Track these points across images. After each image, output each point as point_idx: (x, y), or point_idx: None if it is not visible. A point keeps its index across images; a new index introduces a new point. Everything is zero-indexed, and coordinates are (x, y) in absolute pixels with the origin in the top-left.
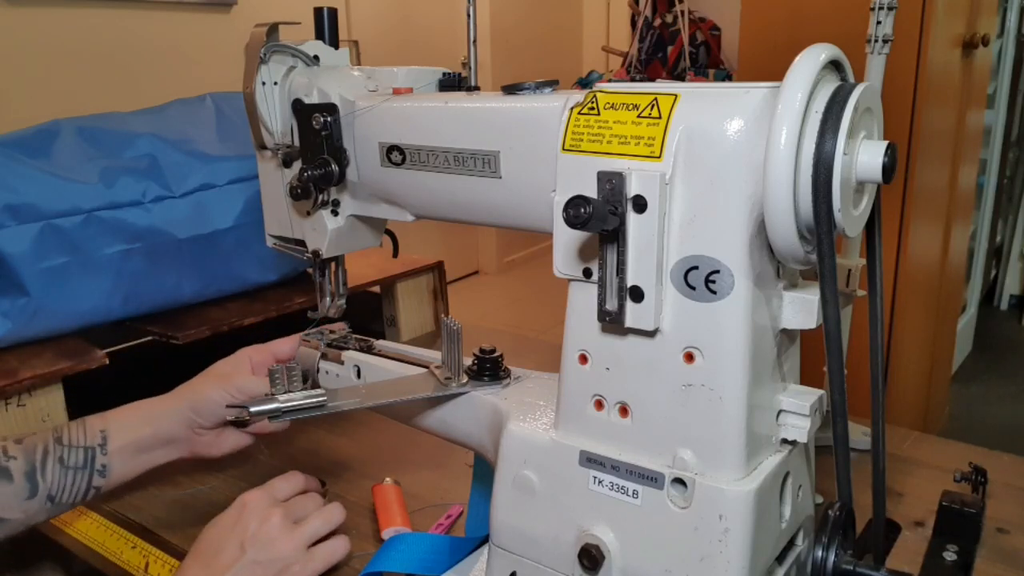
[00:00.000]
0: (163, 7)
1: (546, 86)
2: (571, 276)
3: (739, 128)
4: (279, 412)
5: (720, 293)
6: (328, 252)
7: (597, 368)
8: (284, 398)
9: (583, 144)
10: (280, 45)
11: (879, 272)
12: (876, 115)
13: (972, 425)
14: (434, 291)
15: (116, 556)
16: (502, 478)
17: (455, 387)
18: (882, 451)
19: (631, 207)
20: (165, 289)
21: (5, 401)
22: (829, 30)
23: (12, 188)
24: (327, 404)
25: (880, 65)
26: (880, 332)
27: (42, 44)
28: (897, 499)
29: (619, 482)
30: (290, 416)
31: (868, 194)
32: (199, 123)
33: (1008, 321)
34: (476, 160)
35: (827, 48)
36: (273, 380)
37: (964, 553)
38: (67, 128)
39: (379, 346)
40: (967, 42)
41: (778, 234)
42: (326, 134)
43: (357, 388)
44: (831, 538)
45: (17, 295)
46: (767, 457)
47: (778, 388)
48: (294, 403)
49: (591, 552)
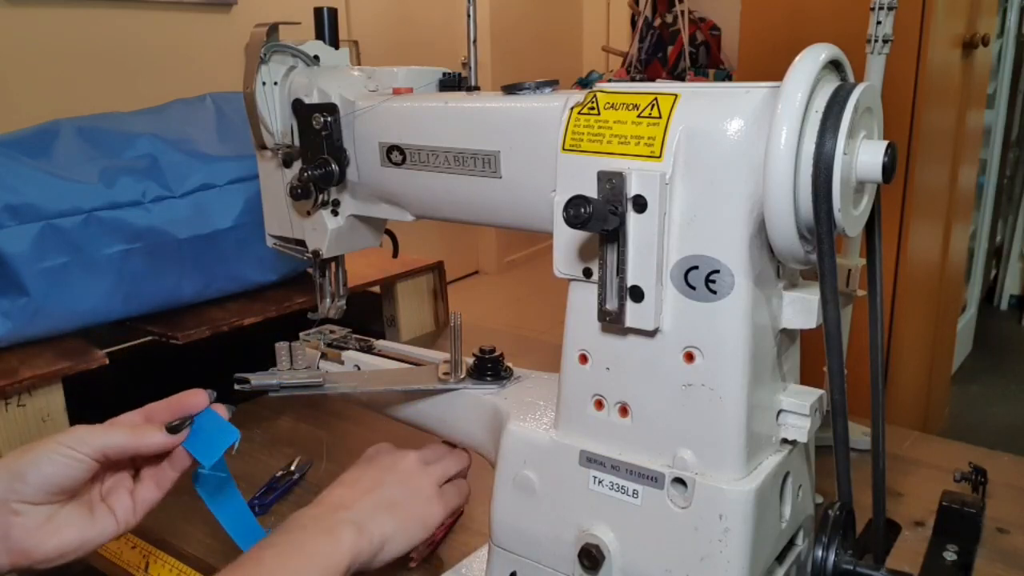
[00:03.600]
0: (163, 7)
1: (546, 86)
2: (571, 276)
3: (739, 128)
4: (279, 387)
5: (720, 293)
6: (328, 252)
7: (597, 368)
8: (286, 375)
9: (583, 144)
10: (280, 45)
11: (879, 272)
12: (876, 115)
13: (972, 425)
14: (434, 291)
15: (116, 556)
16: (502, 478)
17: (453, 382)
18: (882, 451)
19: (631, 207)
20: (165, 289)
21: (5, 401)
22: (829, 30)
23: (12, 188)
24: (324, 384)
25: (880, 65)
26: (880, 332)
27: (42, 44)
28: (897, 499)
29: (619, 482)
30: (288, 392)
31: (868, 194)
32: (199, 123)
33: (1008, 321)
34: (476, 160)
35: (827, 48)
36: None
37: (964, 553)
38: (67, 128)
39: (379, 346)
40: (967, 42)
41: (778, 234)
42: (326, 134)
43: (357, 374)
44: (831, 538)
45: (17, 295)
46: (767, 457)
47: (778, 388)
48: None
49: (591, 552)
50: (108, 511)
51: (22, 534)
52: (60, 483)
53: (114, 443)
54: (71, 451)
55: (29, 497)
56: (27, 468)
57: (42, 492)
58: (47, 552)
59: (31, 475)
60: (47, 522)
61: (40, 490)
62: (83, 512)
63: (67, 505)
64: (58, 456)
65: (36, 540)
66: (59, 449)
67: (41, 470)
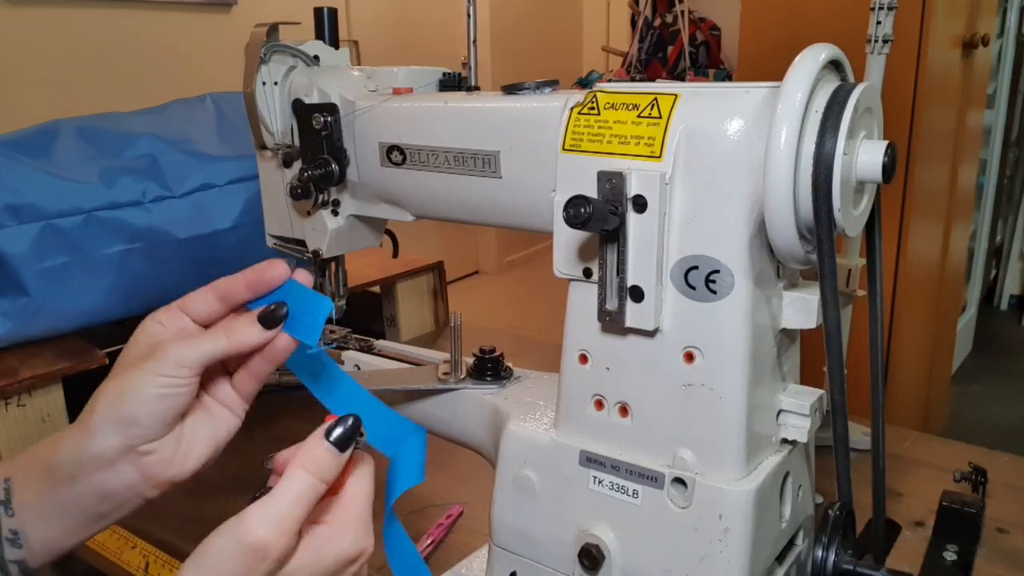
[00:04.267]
0: (163, 7)
1: (546, 86)
2: (571, 276)
3: (739, 128)
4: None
5: (720, 293)
6: (328, 252)
7: (597, 368)
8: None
9: (583, 144)
10: (280, 45)
11: (879, 272)
12: (876, 115)
13: (972, 425)
14: (434, 291)
15: (116, 556)
16: (502, 478)
17: (453, 382)
18: (882, 451)
19: (631, 207)
20: (165, 289)
21: (5, 401)
22: (829, 30)
23: (12, 188)
24: None
25: (880, 65)
26: (880, 332)
27: (42, 44)
28: (897, 499)
29: (619, 482)
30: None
31: (868, 194)
32: (199, 123)
33: (1008, 321)
34: (476, 160)
35: (827, 48)
36: None
37: (964, 553)
38: (67, 128)
39: (379, 346)
40: (967, 42)
41: (778, 234)
42: (326, 134)
43: (357, 373)
44: (831, 538)
45: (17, 295)
46: (767, 457)
47: (778, 388)
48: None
49: (591, 552)
50: (222, 407)
51: (162, 467)
52: (177, 411)
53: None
54: (175, 379)
55: (153, 436)
56: (138, 411)
57: (163, 427)
58: (192, 467)
59: (145, 418)
60: (179, 446)
61: (160, 426)
62: (205, 419)
63: (187, 419)
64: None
65: (177, 468)
66: (161, 381)
67: (153, 409)
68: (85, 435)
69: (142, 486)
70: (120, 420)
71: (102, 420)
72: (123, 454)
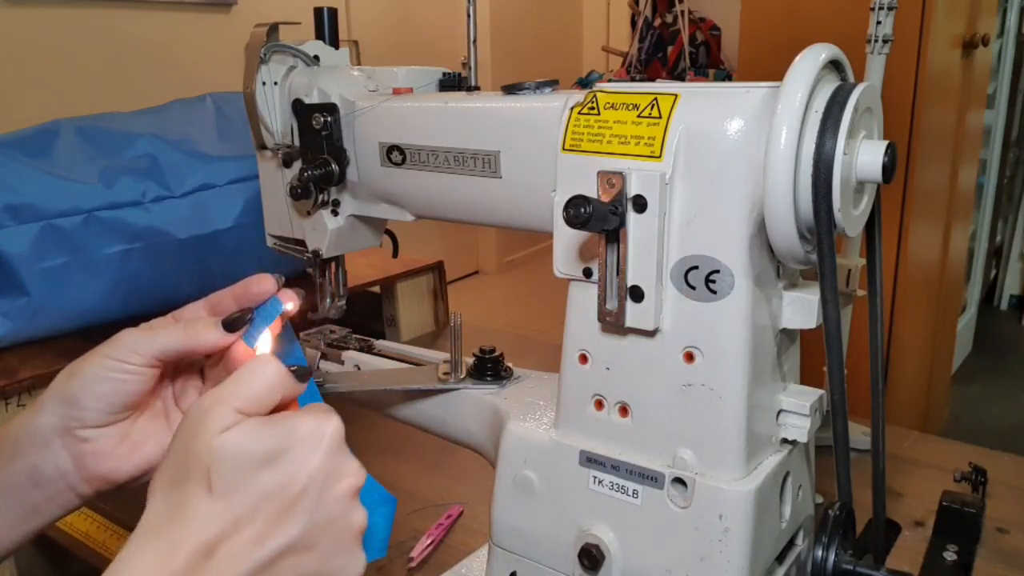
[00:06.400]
0: (163, 7)
1: (546, 86)
2: (571, 276)
3: (739, 128)
4: None
5: (720, 293)
6: (328, 252)
7: (597, 368)
8: None
9: (583, 144)
10: (280, 45)
11: (879, 272)
12: (876, 115)
13: (972, 425)
14: (434, 291)
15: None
16: (502, 478)
17: (453, 382)
18: (882, 451)
19: (631, 207)
20: (165, 289)
21: (5, 401)
22: (829, 30)
23: (12, 188)
24: (324, 384)
25: (880, 65)
26: (880, 332)
27: (42, 44)
28: (897, 499)
29: (619, 482)
30: None
31: (868, 194)
32: (199, 123)
33: (1008, 321)
34: (476, 160)
35: (827, 48)
36: None
37: (964, 553)
38: (67, 128)
39: (379, 346)
40: (967, 42)
41: (778, 234)
42: (326, 134)
43: (357, 373)
44: (831, 538)
45: (17, 295)
46: (767, 457)
47: (778, 388)
48: None
49: (591, 552)
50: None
51: (97, 460)
52: (121, 400)
53: (166, 346)
54: (121, 364)
55: (92, 421)
56: (79, 391)
57: (104, 413)
58: (130, 472)
59: (85, 399)
60: (122, 442)
61: (101, 412)
62: (159, 423)
63: (140, 419)
64: (109, 372)
65: (113, 463)
66: (108, 364)
67: (95, 390)
68: (31, 412)
69: (74, 476)
70: (62, 398)
71: (48, 396)
72: (60, 435)
